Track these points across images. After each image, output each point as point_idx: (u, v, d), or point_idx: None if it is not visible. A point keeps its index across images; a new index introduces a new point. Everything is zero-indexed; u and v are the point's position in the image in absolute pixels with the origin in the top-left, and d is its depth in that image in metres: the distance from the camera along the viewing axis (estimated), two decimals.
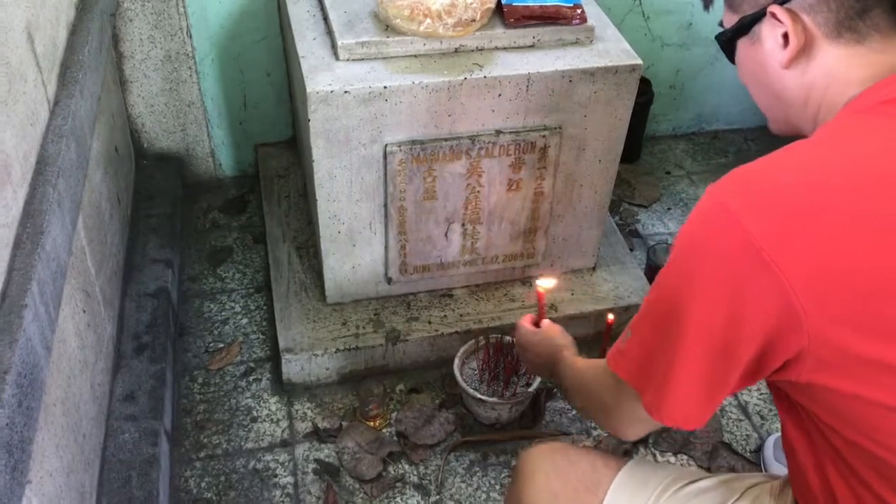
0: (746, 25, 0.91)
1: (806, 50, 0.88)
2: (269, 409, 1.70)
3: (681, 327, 0.83)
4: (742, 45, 0.94)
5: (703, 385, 0.85)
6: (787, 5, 0.86)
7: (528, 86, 1.52)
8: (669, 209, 2.27)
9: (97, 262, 1.50)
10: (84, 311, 1.37)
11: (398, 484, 1.57)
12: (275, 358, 1.77)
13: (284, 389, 1.73)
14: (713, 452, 1.64)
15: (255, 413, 1.69)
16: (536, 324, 1.38)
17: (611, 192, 1.76)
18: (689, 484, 1.04)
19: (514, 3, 1.55)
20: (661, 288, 0.88)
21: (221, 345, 1.83)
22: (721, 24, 0.97)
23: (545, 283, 1.45)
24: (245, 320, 1.89)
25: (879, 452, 0.81)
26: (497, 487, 1.57)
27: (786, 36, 0.88)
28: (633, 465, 1.08)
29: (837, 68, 0.87)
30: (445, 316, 1.77)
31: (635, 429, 1.00)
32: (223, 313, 1.91)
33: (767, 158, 0.82)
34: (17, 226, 1.04)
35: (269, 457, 1.61)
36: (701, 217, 0.82)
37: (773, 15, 0.87)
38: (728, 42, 0.96)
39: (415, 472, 1.59)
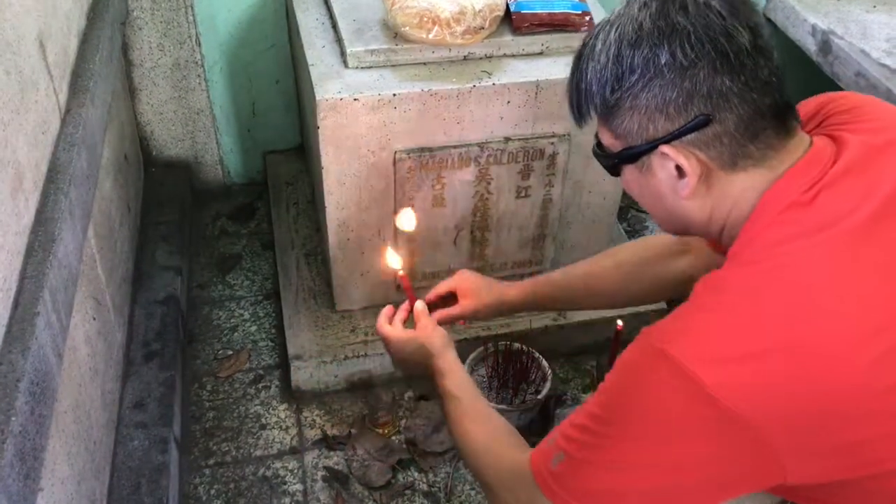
0: (634, 155, 0.87)
1: (703, 180, 0.85)
2: (279, 417, 1.70)
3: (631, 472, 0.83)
4: (629, 170, 0.90)
5: None
6: (677, 143, 0.83)
7: (536, 93, 1.52)
8: None
9: (107, 270, 1.51)
10: (94, 319, 1.37)
11: (407, 491, 1.56)
12: (284, 365, 1.78)
13: (293, 397, 1.73)
14: None
15: (264, 420, 1.69)
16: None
17: (619, 199, 1.76)
18: None
19: (522, 11, 1.55)
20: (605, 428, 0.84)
21: (230, 352, 1.83)
22: (597, 137, 0.93)
23: (394, 262, 1.28)
24: (254, 327, 1.89)
25: None
26: None
27: (679, 167, 0.85)
28: None
29: (741, 193, 0.85)
30: (454, 323, 1.76)
31: None
32: (232, 320, 1.91)
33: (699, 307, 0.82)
34: (28, 234, 1.05)
35: (278, 464, 1.61)
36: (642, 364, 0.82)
37: (665, 153, 0.84)
38: (612, 165, 0.92)
39: (424, 480, 1.59)
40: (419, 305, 1.25)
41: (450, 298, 1.34)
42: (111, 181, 1.64)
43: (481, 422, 1.09)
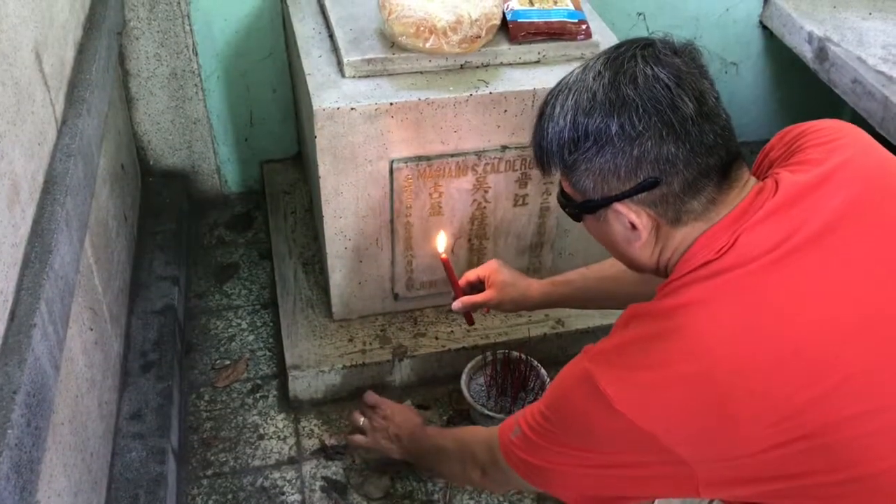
0: (591, 208, 0.95)
1: (653, 232, 0.94)
2: (276, 427, 1.69)
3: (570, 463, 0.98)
4: (588, 218, 0.99)
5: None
6: (628, 202, 0.91)
7: (533, 101, 1.52)
8: None
9: (104, 280, 1.50)
10: (91, 330, 1.37)
11: (406, 501, 1.56)
12: (281, 375, 1.77)
13: (291, 406, 1.72)
14: None
15: (262, 430, 1.68)
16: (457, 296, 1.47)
17: None
18: None
19: (519, 20, 1.56)
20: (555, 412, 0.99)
21: (228, 362, 1.83)
22: (560, 186, 1.01)
23: (440, 245, 1.47)
24: (251, 337, 1.89)
25: None
26: None
27: (632, 222, 0.93)
28: None
29: (679, 243, 0.93)
30: (452, 332, 1.77)
31: (506, 489, 1.17)
32: (230, 330, 1.90)
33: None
34: (25, 245, 1.04)
35: (276, 474, 1.60)
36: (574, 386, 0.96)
37: (618, 210, 0.92)
38: (573, 213, 1.00)
39: (423, 489, 1.58)
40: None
41: (478, 284, 1.49)
42: (108, 191, 1.64)
43: (451, 431, 1.35)
